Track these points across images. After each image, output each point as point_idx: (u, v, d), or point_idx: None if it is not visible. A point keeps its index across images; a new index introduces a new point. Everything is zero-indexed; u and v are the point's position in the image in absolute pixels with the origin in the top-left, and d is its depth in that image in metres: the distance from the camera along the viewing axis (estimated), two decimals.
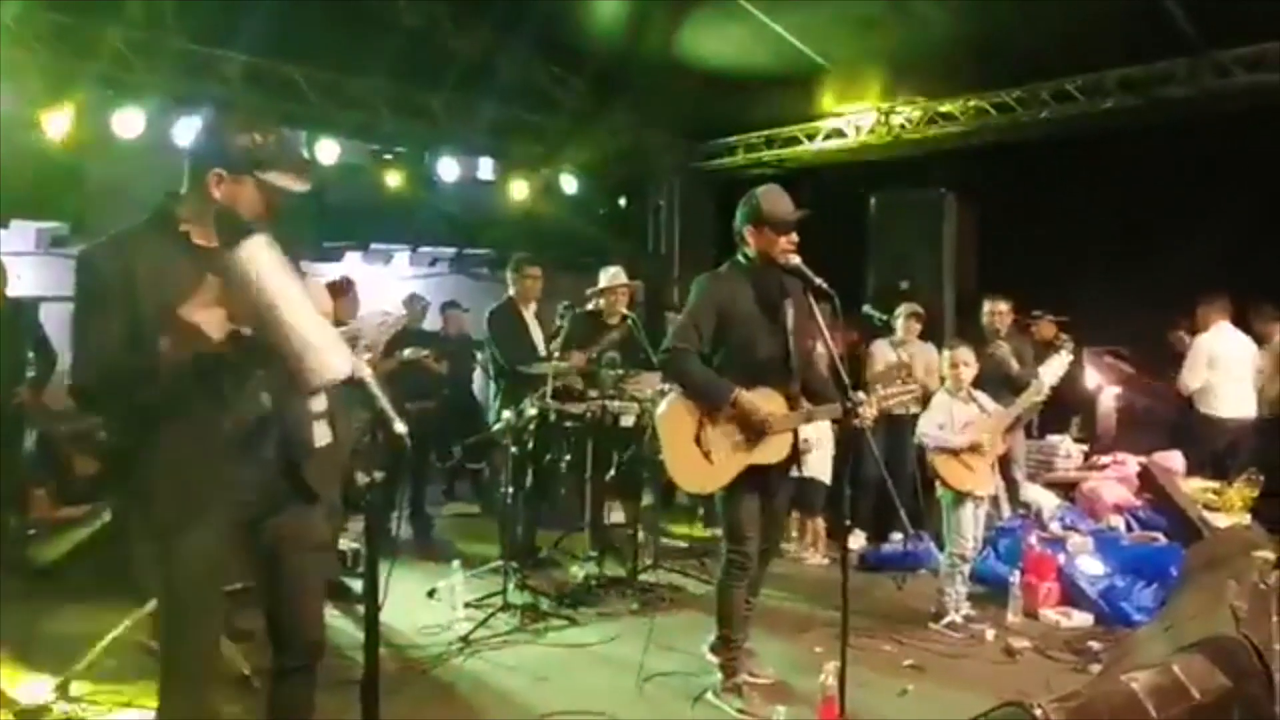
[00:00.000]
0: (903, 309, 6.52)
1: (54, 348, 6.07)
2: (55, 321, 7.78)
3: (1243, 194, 8.07)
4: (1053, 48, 7.43)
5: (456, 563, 5.10)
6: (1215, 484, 6.14)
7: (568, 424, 5.41)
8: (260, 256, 2.16)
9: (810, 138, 9.20)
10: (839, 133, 8.94)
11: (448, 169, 9.46)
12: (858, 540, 6.42)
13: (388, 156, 9.12)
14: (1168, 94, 7.59)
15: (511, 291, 6.15)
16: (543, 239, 12.31)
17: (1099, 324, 8.13)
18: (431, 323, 8.42)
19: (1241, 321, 6.86)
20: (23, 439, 6.12)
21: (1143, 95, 7.52)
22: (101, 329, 2.28)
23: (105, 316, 2.28)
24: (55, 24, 6.87)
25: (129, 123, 7.04)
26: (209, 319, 2.19)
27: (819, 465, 5.82)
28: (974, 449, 4.76)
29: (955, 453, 4.76)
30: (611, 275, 6.08)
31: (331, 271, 10.59)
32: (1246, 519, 5.63)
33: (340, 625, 4.75)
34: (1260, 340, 6.79)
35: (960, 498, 4.79)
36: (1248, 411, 6.60)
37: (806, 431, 4.01)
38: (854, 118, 8.80)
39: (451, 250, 13.01)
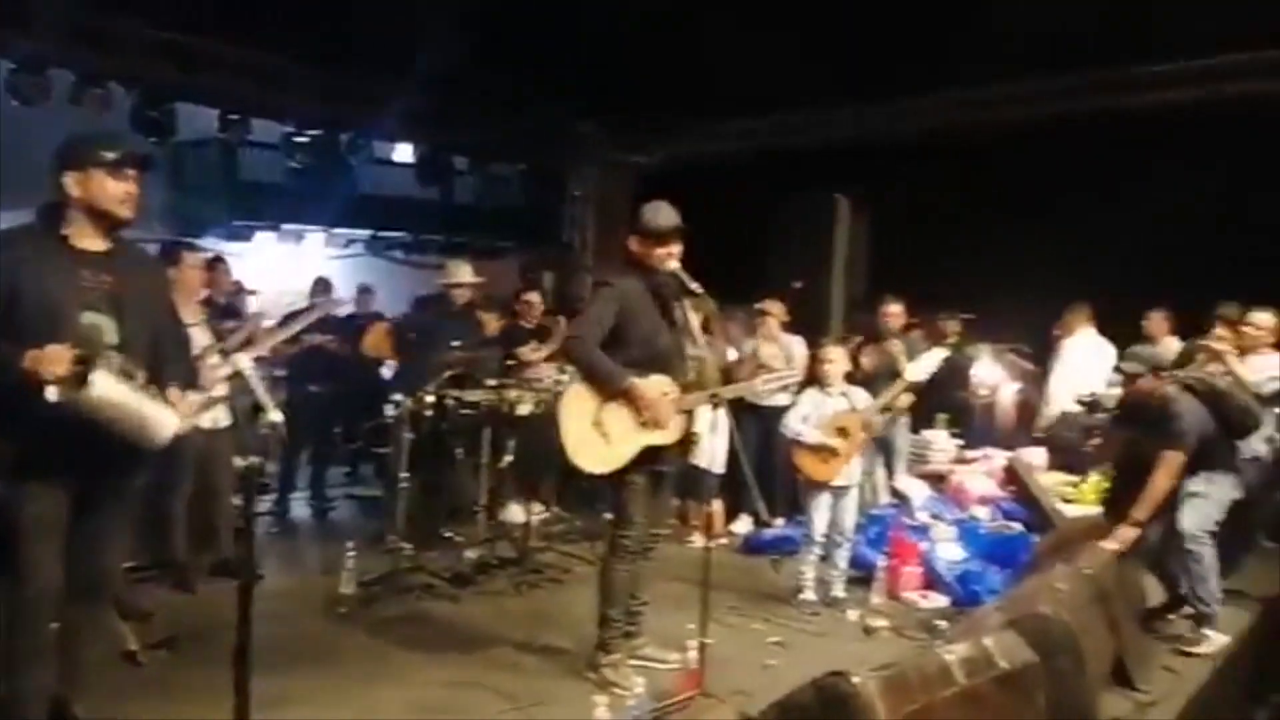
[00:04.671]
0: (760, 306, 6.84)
1: None
2: None
3: (1133, 198, 8.62)
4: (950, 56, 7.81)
5: (350, 543, 5.26)
6: (1074, 477, 6.61)
7: (464, 411, 5.58)
8: (104, 394, 2.76)
9: (722, 136, 9.46)
10: (750, 133, 9.23)
11: (362, 151, 9.51)
12: (744, 525, 6.74)
13: (302, 138, 9.13)
14: (1056, 108, 8.04)
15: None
16: (458, 225, 12.45)
17: (1000, 322, 8.58)
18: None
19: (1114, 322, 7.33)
20: None
21: (1028, 106, 7.96)
22: None
23: None
24: None
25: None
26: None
27: (710, 453, 6.14)
28: (829, 446, 5.09)
29: (814, 446, 5.10)
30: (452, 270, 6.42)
31: (242, 251, 10.66)
32: (1098, 510, 6.07)
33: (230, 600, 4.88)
34: (1151, 339, 7.18)
35: (816, 485, 5.13)
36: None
37: (700, 423, 4.26)
38: (760, 120, 9.09)
39: (366, 233, 13.07)
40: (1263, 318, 5.84)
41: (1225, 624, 4.95)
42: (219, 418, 5.04)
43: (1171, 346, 6.52)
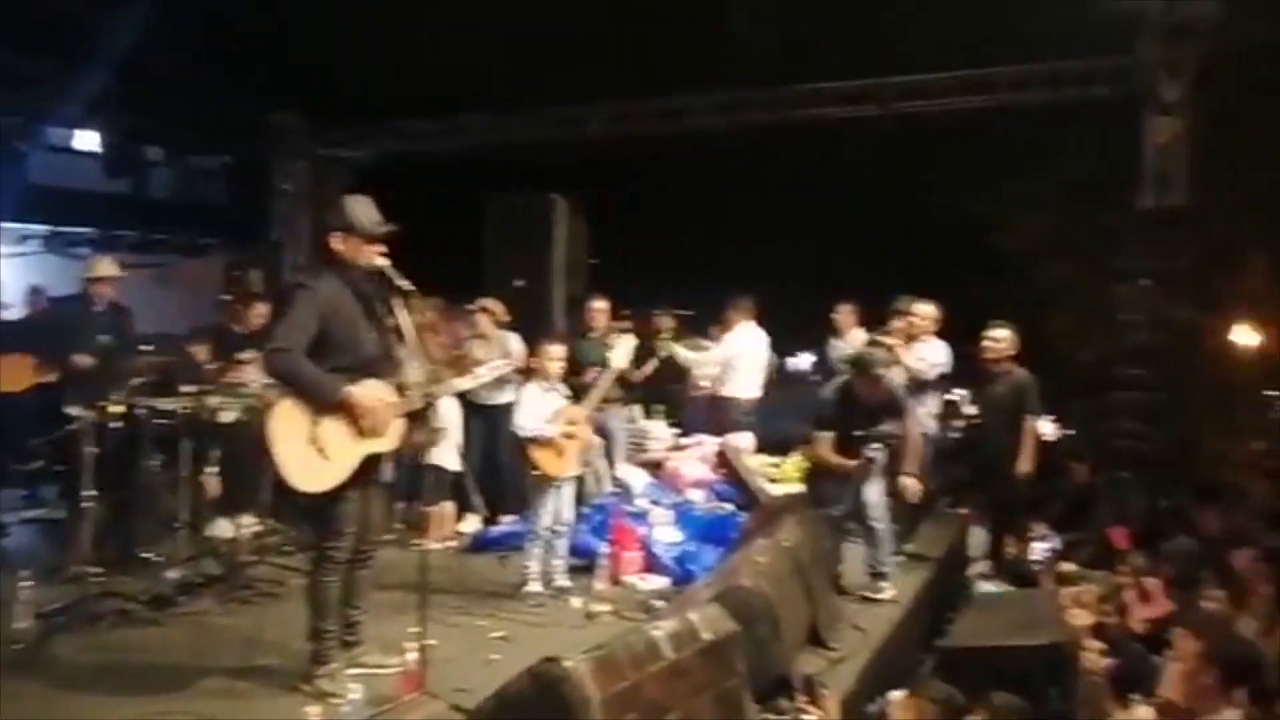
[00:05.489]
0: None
1: None
2: None
3: (830, 202, 9.41)
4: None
5: (25, 572, 4.73)
6: (777, 459, 7.13)
7: (159, 421, 5.16)
8: None
9: (439, 134, 9.36)
10: (464, 129, 9.20)
11: (35, 138, 8.59)
12: (472, 524, 6.71)
13: None
14: (757, 117, 8.63)
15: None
16: (153, 220, 11.46)
17: (712, 318, 9.05)
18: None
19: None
20: None
21: (725, 118, 8.50)
22: None
23: None
24: None
25: None
26: None
27: (443, 453, 6.06)
28: (565, 436, 5.21)
29: (548, 442, 5.18)
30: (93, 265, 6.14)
31: None
32: (800, 488, 6.58)
33: None
34: (838, 332, 7.84)
35: (543, 479, 5.22)
36: (756, 393, 7.83)
37: (446, 419, 4.14)
38: (480, 117, 9.09)
39: (44, 228, 11.75)
40: (925, 309, 6.61)
41: (905, 583, 5.54)
42: None
43: (858, 338, 7.20)
